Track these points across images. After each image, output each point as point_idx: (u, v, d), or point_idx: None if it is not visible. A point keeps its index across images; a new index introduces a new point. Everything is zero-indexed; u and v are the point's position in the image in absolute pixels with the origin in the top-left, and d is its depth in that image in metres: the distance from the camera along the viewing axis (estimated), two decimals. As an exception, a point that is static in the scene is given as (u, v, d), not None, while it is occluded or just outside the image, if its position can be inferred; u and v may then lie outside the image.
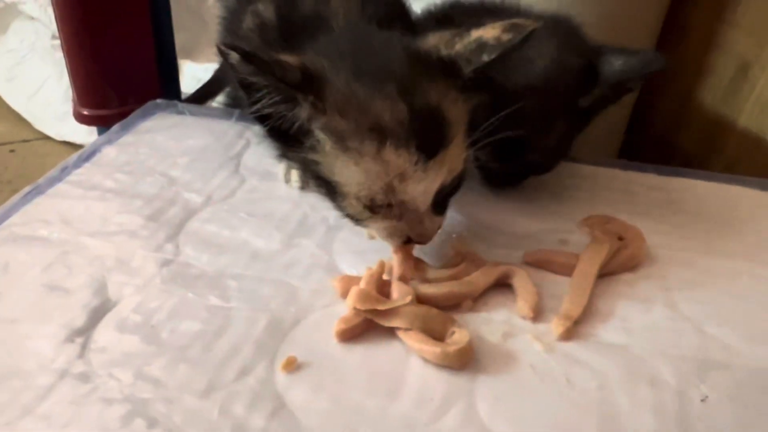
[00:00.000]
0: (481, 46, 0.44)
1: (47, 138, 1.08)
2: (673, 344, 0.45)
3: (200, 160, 0.66)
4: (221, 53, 0.40)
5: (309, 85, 0.42)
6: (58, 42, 1.14)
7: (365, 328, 0.45)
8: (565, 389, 0.41)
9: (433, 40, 0.47)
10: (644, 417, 0.39)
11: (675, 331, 0.46)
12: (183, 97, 0.94)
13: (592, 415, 0.39)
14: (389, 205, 0.44)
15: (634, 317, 0.47)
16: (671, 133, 0.90)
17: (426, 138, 0.42)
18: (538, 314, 0.47)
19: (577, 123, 0.58)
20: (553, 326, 0.45)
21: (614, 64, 0.54)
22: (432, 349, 0.42)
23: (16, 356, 0.42)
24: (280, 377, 0.42)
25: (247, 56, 0.39)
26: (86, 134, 0.94)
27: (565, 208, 0.59)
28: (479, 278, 0.48)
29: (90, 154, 0.66)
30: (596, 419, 0.39)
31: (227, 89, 0.82)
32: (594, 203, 0.60)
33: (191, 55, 1.17)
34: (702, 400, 0.41)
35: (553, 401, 0.40)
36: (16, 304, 0.47)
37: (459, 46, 0.45)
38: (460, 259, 0.51)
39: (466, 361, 0.42)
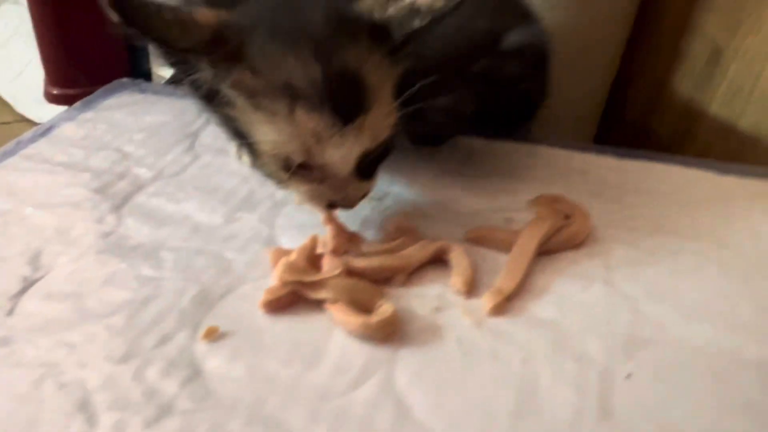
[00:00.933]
0: (414, 11, 0.43)
1: (27, 121, 1.08)
2: (606, 321, 0.44)
3: (156, 136, 0.66)
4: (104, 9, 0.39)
5: (217, 44, 0.41)
6: (40, 24, 1.15)
7: (293, 300, 0.44)
8: (487, 363, 0.41)
9: (369, 3, 0.46)
10: (565, 392, 0.39)
11: (610, 308, 0.45)
12: (165, 80, 0.94)
13: (511, 388, 0.39)
14: (308, 167, 0.43)
15: (570, 294, 0.46)
16: (646, 118, 0.88)
17: (342, 102, 0.41)
18: (472, 289, 0.46)
19: (484, 89, 0.55)
20: (484, 300, 0.45)
21: (510, 39, 0.52)
22: (354, 320, 0.42)
23: (-60, 321, 0.42)
24: (200, 346, 0.41)
25: (133, 20, 0.38)
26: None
27: (516, 188, 0.58)
28: (414, 253, 0.48)
29: (47, 129, 0.66)
30: (515, 393, 0.38)
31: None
32: (546, 183, 0.59)
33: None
34: (626, 377, 0.40)
35: (474, 375, 0.40)
36: (-52, 272, 0.47)
37: (392, 9, 0.44)
38: (399, 234, 0.50)
39: (388, 332, 0.42)
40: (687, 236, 0.52)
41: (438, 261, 0.49)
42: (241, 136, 0.45)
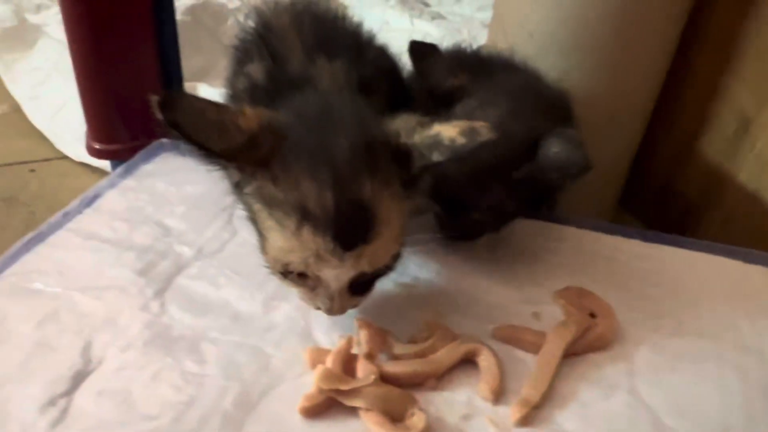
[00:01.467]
0: (436, 143, 0.45)
1: (66, 158, 1.12)
2: (628, 435, 0.46)
3: (196, 209, 0.68)
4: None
5: (253, 150, 0.44)
6: (80, 64, 1.18)
7: (329, 405, 0.47)
8: (513, 479, 0.43)
9: (400, 123, 0.48)
10: None
11: (632, 420, 0.47)
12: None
13: None
14: (305, 276, 0.46)
15: (594, 403, 0.48)
16: (671, 180, 0.89)
17: (347, 231, 0.44)
18: (499, 396, 0.48)
19: (522, 191, 0.57)
20: (512, 411, 0.47)
21: (549, 150, 0.54)
22: (387, 431, 0.44)
23: (2, 419, 0.45)
24: (243, 454, 0.44)
25: (173, 119, 0.42)
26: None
27: (543, 276, 0.60)
28: (444, 357, 0.50)
29: (92, 199, 0.69)
30: None
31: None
32: (573, 271, 0.60)
33: (207, 79, 1.20)
34: (647, 499, 0.42)
35: (500, 491, 0.42)
36: (8, 361, 0.50)
37: (417, 137, 0.46)
38: (430, 333, 0.52)
39: (419, 445, 0.44)
40: (710, 337, 0.54)
41: (467, 362, 0.51)
42: (256, 229, 0.49)
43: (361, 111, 0.50)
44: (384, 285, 0.55)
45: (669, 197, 0.90)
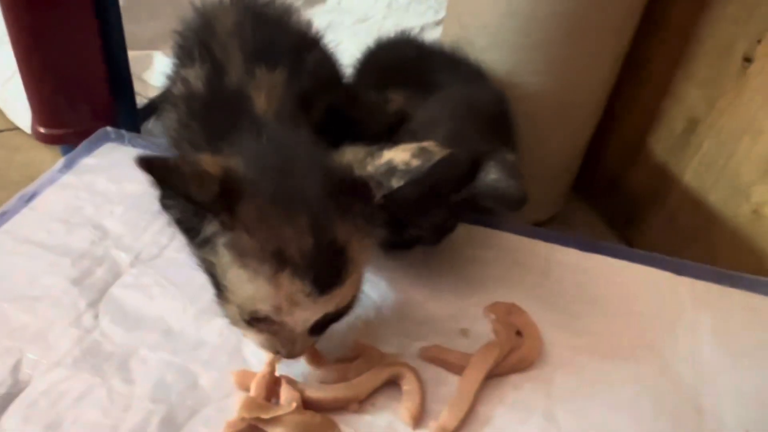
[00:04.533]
0: (391, 170, 0.46)
1: (18, 129, 1.09)
2: (539, 463, 0.48)
3: (135, 209, 0.68)
4: (140, 167, 0.41)
5: (224, 200, 0.43)
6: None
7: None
8: None
9: (349, 157, 0.48)
10: None
11: (545, 446, 0.49)
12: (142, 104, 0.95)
13: None
14: (269, 321, 0.46)
15: (509, 427, 0.50)
16: (620, 173, 0.90)
17: (324, 274, 0.44)
18: (418, 421, 0.50)
19: (461, 210, 0.59)
20: (428, 437, 0.48)
21: (487, 176, 0.54)
22: (306, 463, 0.45)
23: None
24: (163, 482, 0.45)
25: (162, 177, 0.42)
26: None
27: (475, 288, 0.61)
28: (368, 380, 0.51)
29: (31, 196, 0.68)
30: None
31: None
32: (505, 284, 0.61)
33: (163, 47, 1.16)
34: None
35: None
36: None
37: (370, 167, 0.46)
38: (358, 352, 0.53)
39: (337, 476, 0.46)
40: (629, 359, 0.56)
41: (391, 384, 0.52)
42: (214, 280, 0.48)
43: (314, 149, 0.49)
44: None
45: (618, 190, 0.91)
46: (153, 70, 1.14)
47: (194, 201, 0.43)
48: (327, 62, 0.65)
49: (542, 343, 0.56)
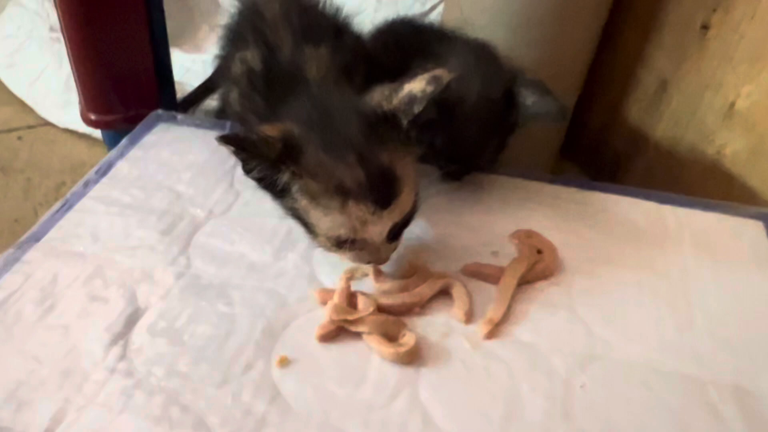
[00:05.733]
0: (412, 99, 0.58)
1: (51, 124, 1.18)
2: (568, 342, 0.60)
3: (200, 175, 0.79)
4: (221, 143, 0.54)
5: (288, 155, 0.55)
6: (56, 34, 1.23)
7: (338, 332, 0.59)
8: (483, 378, 0.57)
9: (378, 97, 0.60)
10: (537, 400, 0.55)
11: (571, 331, 0.61)
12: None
13: (501, 398, 0.55)
14: (353, 241, 0.58)
15: (542, 320, 0.62)
16: (604, 133, 1.04)
17: (380, 194, 0.56)
18: (470, 318, 0.62)
19: (507, 132, 0.75)
20: (479, 328, 0.60)
21: (528, 103, 0.70)
22: (387, 349, 0.57)
23: (75, 356, 0.56)
24: (276, 371, 0.56)
25: (239, 146, 0.54)
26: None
27: (498, 222, 0.73)
28: (425, 290, 0.63)
29: (106, 168, 0.79)
30: (503, 402, 0.55)
31: (218, 97, 0.94)
32: (522, 217, 0.74)
33: (178, 44, 1.26)
34: (581, 387, 0.56)
35: (474, 388, 0.56)
36: (68, 312, 0.60)
37: (395, 100, 0.58)
38: (413, 271, 0.65)
39: (412, 358, 0.57)
40: (630, 266, 0.69)
41: (443, 293, 0.64)
42: (301, 221, 0.60)
43: (350, 98, 0.61)
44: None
45: (602, 147, 1.05)
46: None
47: (266, 159, 0.56)
48: (359, 39, 0.78)
49: (559, 256, 0.68)
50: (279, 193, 0.59)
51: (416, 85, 0.58)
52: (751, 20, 0.78)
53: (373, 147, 0.57)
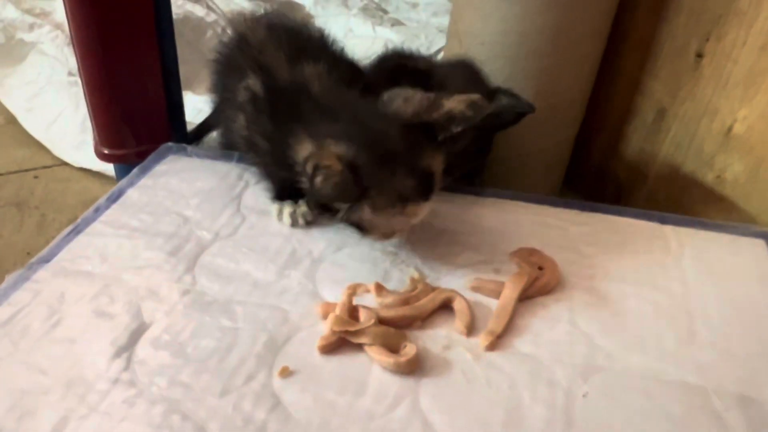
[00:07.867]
0: (452, 118, 0.64)
1: (66, 164, 1.22)
2: (569, 353, 0.60)
3: (208, 201, 0.81)
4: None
5: (355, 182, 0.63)
6: (73, 78, 1.28)
7: (340, 343, 0.60)
8: (484, 388, 0.57)
9: (412, 108, 0.65)
10: (539, 409, 0.55)
11: (572, 343, 0.61)
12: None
13: (501, 407, 0.55)
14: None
15: (543, 332, 0.62)
16: (606, 163, 1.05)
17: (426, 191, 0.65)
18: (471, 331, 0.62)
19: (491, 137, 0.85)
20: (481, 340, 0.61)
21: (501, 101, 0.78)
22: (388, 359, 0.57)
23: (79, 368, 0.57)
24: (277, 382, 0.56)
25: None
26: (101, 162, 1.05)
27: (501, 242, 0.74)
28: (427, 303, 0.63)
29: (117, 196, 0.81)
30: (503, 411, 0.54)
31: (220, 131, 0.97)
32: (524, 237, 0.75)
33: (191, 87, 1.31)
34: (583, 396, 0.56)
35: (475, 398, 0.56)
36: (73, 327, 0.61)
37: (436, 114, 0.64)
38: (415, 286, 0.66)
39: (413, 368, 0.57)
40: (631, 282, 0.69)
41: (445, 308, 0.65)
42: (358, 225, 0.70)
43: (388, 114, 0.66)
44: (374, 253, 0.71)
45: (604, 177, 1.06)
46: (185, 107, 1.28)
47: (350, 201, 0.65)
48: (346, 56, 0.82)
49: (560, 273, 0.69)
50: (337, 211, 0.67)
51: (456, 106, 0.65)
52: (743, 46, 0.81)
53: (415, 156, 0.64)
